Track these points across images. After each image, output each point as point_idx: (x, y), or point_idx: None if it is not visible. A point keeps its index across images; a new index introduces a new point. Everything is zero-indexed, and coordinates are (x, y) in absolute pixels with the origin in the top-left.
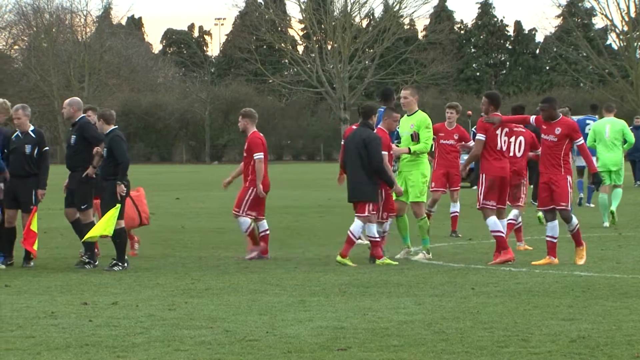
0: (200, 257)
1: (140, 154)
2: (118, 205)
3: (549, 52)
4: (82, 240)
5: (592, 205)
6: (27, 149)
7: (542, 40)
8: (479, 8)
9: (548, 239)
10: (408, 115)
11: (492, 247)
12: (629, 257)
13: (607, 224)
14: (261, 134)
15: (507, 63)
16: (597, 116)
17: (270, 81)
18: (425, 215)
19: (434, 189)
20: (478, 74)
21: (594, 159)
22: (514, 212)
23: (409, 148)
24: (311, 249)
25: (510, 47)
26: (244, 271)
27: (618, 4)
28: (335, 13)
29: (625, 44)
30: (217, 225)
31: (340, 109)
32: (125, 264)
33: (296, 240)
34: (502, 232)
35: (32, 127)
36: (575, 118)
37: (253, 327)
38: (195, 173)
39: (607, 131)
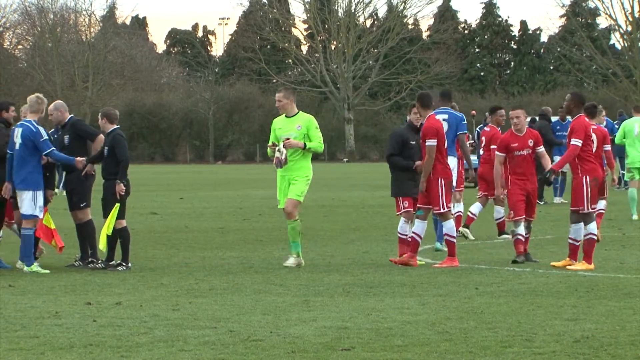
0: (204, 257)
1: (144, 153)
2: (118, 205)
3: (553, 52)
4: (91, 250)
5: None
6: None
7: (546, 40)
8: (483, 8)
9: (570, 241)
10: (287, 117)
11: (495, 247)
12: (633, 257)
13: (635, 216)
14: None
15: (512, 63)
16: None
17: (274, 81)
18: (298, 218)
19: None
20: (482, 73)
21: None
22: (603, 203)
23: (305, 143)
24: (315, 249)
25: (514, 47)
26: (247, 271)
27: (622, 4)
28: (340, 13)
29: (629, 44)
30: (220, 225)
31: (344, 108)
32: (130, 264)
33: (299, 240)
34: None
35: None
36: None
37: (257, 327)
38: (199, 173)
39: (636, 129)
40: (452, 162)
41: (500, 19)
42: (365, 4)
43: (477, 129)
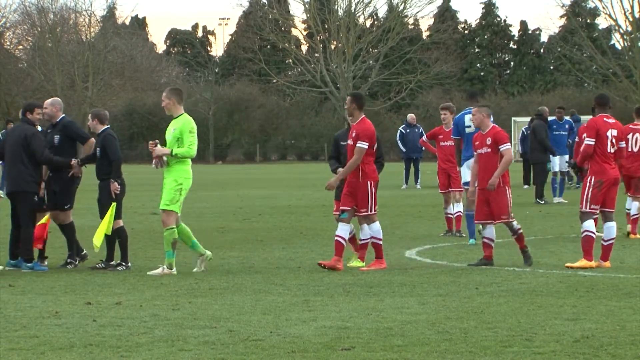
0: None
1: (144, 153)
2: (114, 204)
3: (553, 52)
4: (84, 249)
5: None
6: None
7: (546, 41)
8: (482, 8)
9: (602, 241)
10: (173, 118)
11: (496, 247)
12: (633, 257)
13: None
14: None
15: (512, 63)
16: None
17: (274, 81)
18: (174, 226)
19: (441, 191)
20: (482, 73)
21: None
22: (635, 205)
23: (172, 150)
24: (315, 249)
25: (514, 47)
26: (247, 271)
27: (622, 4)
28: (339, 13)
29: (629, 44)
30: (220, 225)
31: (344, 108)
32: (129, 264)
33: (300, 240)
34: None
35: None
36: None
37: (257, 327)
38: (199, 173)
39: None
40: None
41: (500, 19)
42: (365, 4)
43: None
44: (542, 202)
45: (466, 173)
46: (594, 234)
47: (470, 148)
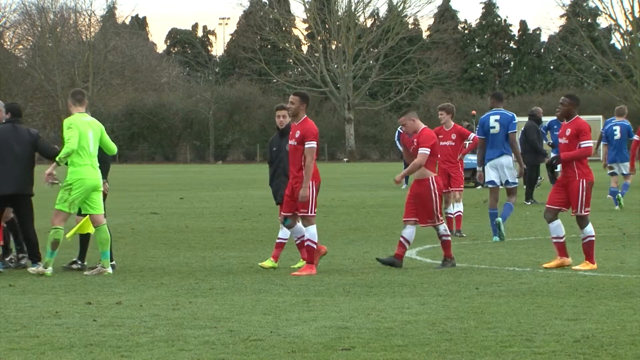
0: (204, 256)
1: (144, 153)
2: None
3: (553, 52)
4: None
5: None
6: None
7: (546, 40)
8: (482, 8)
9: (555, 240)
10: None
11: (496, 247)
12: (634, 256)
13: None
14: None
15: (512, 63)
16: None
17: (275, 81)
18: (59, 227)
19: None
20: (482, 73)
21: None
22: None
23: (56, 161)
24: None
25: (514, 46)
26: (248, 271)
27: (622, 4)
28: (340, 13)
29: (629, 43)
30: (220, 225)
31: (345, 108)
32: (85, 263)
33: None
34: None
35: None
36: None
37: (257, 327)
38: (200, 173)
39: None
40: (507, 160)
41: (499, 19)
42: (365, 4)
43: (477, 128)
44: (529, 203)
45: (489, 173)
46: (594, 236)
47: (493, 148)
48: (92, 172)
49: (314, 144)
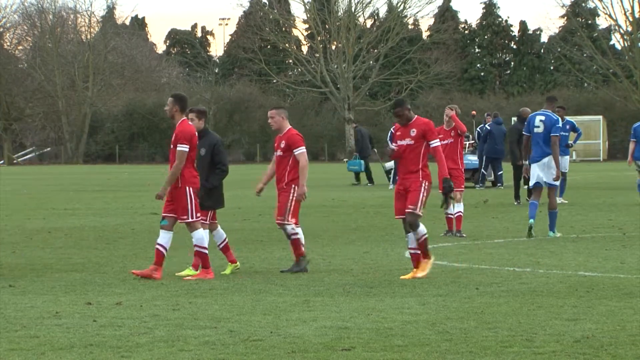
0: None
1: (145, 154)
2: None
3: (553, 52)
4: None
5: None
6: None
7: (546, 41)
8: (483, 8)
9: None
10: None
11: (496, 247)
12: (634, 257)
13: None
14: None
15: (512, 63)
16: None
17: (275, 81)
18: None
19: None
20: (482, 74)
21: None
22: None
23: None
24: (315, 249)
25: (514, 47)
26: (247, 271)
27: (622, 4)
28: (340, 13)
29: (629, 44)
30: (220, 225)
31: (345, 109)
32: None
33: None
34: None
35: None
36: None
37: (257, 327)
38: None
39: None
40: (549, 160)
41: (500, 19)
42: (365, 4)
43: (478, 129)
44: (516, 203)
45: (534, 171)
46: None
47: (537, 148)
48: None
49: (185, 147)
